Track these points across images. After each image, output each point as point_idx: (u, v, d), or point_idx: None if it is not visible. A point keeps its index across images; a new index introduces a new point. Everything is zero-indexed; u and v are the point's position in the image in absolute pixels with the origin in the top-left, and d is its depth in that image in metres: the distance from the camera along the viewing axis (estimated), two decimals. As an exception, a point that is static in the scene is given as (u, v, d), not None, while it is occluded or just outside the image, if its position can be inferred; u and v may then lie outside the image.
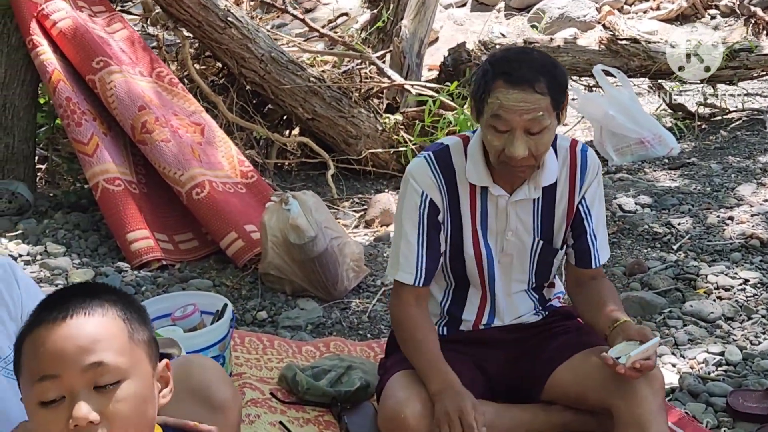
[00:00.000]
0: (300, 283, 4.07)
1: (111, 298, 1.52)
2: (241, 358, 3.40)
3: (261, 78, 5.74)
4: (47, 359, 1.43)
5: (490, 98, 2.47)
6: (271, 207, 4.11)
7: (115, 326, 1.49)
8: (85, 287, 1.56)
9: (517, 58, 2.54)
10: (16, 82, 4.93)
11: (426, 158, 2.71)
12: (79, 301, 1.48)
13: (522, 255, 2.76)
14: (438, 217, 2.69)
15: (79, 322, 1.46)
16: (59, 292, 1.56)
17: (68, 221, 4.74)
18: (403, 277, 2.70)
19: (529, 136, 2.47)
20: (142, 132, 4.58)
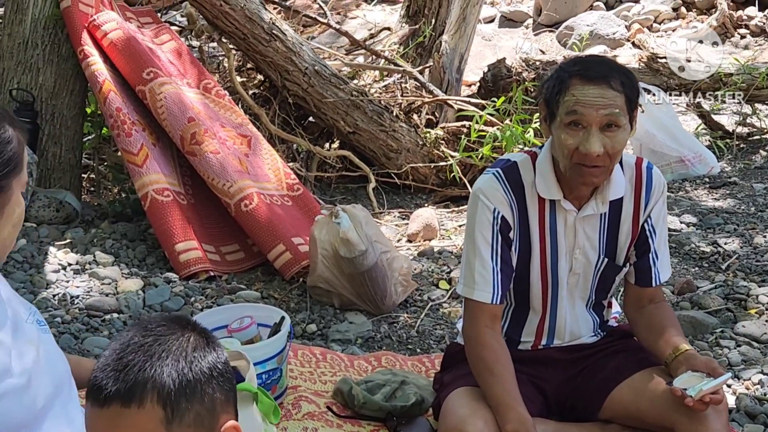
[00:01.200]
0: (348, 296, 4.08)
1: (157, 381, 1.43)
2: (296, 371, 3.41)
3: (304, 91, 5.76)
4: None
5: (566, 96, 2.48)
6: (322, 220, 4.13)
7: (151, 421, 1.42)
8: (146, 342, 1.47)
9: (592, 59, 2.57)
10: (65, 91, 4.97)
11: (495, 174, 2.70)
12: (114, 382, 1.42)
13: (587, 273, 2.76)
14: (509, 234, 2.68)
15: (113, 418, 1.41)
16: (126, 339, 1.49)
17: (115, 231, 4.76)
18: (481, 296, 2.66)
19: (605, 134, 2.47)
20: (192, 143, 4.61)
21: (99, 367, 1.43)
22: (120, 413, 1.39)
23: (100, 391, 1.40)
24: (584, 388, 2.77)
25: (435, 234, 5.10)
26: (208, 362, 1.49)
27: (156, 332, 1.48)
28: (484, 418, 2.55)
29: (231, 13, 5.52)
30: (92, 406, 1.41)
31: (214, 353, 1.50)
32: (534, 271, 2.72)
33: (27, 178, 1.94)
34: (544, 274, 2.73)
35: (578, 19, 10.85)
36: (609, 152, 2.48)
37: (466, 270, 2.70)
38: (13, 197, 1.87)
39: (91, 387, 1.42)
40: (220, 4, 5.49)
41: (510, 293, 2.78)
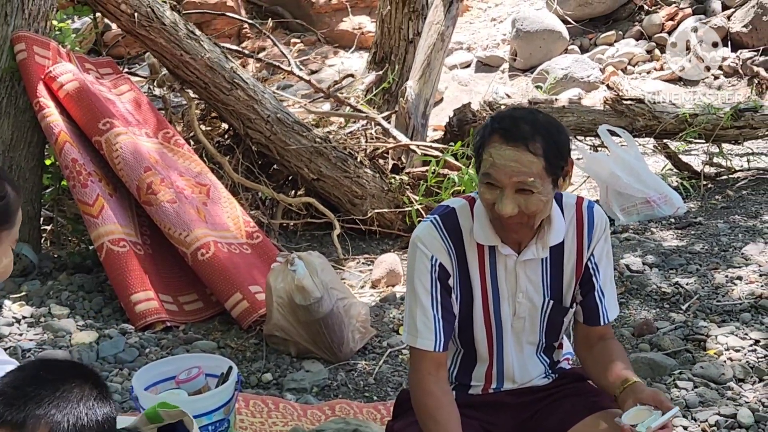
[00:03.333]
0: (305, 344, 4.03)
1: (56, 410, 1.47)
2: (246, 421, 3.36)
3: (267, 139, 5.75)
4: None
5: (485, 154, 2.46)
6: (277, 268, 4.09)
7: None
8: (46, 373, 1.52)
9: (520, 116, 2.52)
10: (22, 143, 4.94)
11: (432, 222, 2.67)
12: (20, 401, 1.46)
13: (533, 317, 2.72)
14: (449, 282, 2.65)
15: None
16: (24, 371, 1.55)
17: (72, 282, 4.72)
18: (424, 344, 2.62)
19: (520, 195, 2.44)
20: (148, 193, 4.58)
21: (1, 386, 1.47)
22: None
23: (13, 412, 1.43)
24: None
25: (399, 279, 5.06)
26: (103, 414, 1.52)
27: (61, 374, 1.52)
28: (431, 464, 2.51)
29: (191, 62, 5.52)
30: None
31: (108, 407, 1.54)
32: (477, 317, 2.69)
33: (17, 236, 2.08)
34: (487, 319, 2.69)
35: (553, 63, 10.94)
36: (525, 212, 2.45)
37: (409, 318, 2.67)
38: (1, 248, 2.01)
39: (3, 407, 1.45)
40: (180, 54, 5.49)
41: (455, 339, 2.75)
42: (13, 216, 2.04)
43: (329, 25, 12.40)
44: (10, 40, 4.88)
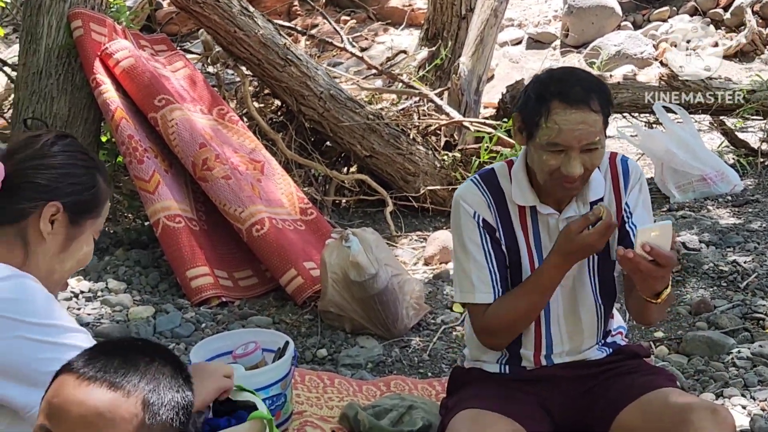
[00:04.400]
0: (360, 320, 4.04)
1: (150, 384, 1.47)
2: (302, 396, 3.37)
3: (320, 115, 5.76)
4: (51, 412, 1.44)
5: (548, 122, 2.45)
6: (332, 244, 4.10)
7: (130, 412, 1.44)
8: (137, 349, 1.53)
9: (567, 78, 2.51)
10: (79, 120, 4.99)
11: (473, 180, 2.71)
12: (116, 368, 1.46)
13: (581, 273, 2.70)
14: (495, 235, 2.65)
15: (97, 394, 1.43)
16: (116, 343, 1.57)
17: (129, 258, 4.77)
18: (483, 298, 2.63)
19: (585, 154, 2.44)
20: (203, 169, 4.61)
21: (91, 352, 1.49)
22: (103, 392, 1.43)
23: (93, 370, 1.44)
24: (592, 409, 2.71)
25: (451, 256, 5.05)
26: (187, 399, 1.54)
27: (151, 352, 1.53)
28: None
29: (245, 39, 5.54)
30: (78, 378, 1.44)
31: (190, 392, 1.55)
32: (525, 276, 2.68)
33: (102, 227, 2.11)
34: None
35: (605, 39, 10.79)
36: (588, 169, 2.47)
37: (462, 277, 2.67)
38: (83, 236, 2.04)
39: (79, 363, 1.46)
40: (234, 31, 5.50)
41: None
42: (101, 207, 2.07)
43: (379, 2, 12.35)
44: (67, 17, 4.92)
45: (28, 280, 1.87)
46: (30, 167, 1.98)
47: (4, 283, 1.82)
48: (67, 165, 2.01)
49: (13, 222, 1.96)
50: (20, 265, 1.94)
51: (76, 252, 2.05)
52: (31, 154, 2.00)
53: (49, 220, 1.97)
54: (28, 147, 2.02)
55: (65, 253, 2.02)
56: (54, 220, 1.98)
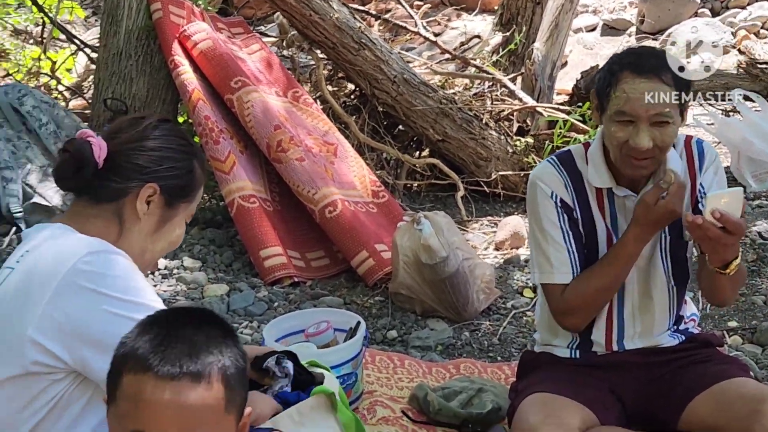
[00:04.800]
0: (430, 303, 4.06)
1: (221, 359, 1.50)
2: (372, 376, 3.41)
3: (393, 99, 5.78)
4: (148, 419, 1.44)
5: (617, 91, 2.44)
6: (403, 227, 4.13)
7: (216, 400, 1.48)
8: (184, 322, 1.54)
9: (645, 51, 2.53)
10: (157, 101, 5.08)
11: (550, 161, 2.70)
12: (189, 358, 1.47)
13: (654, 256, 2.68)
14: (573, 215, 2.65)
15: (187, 391, 1.45)
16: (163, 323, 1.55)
17: (204, 237, 4.85)
18: (562, 278, 2.62)
19: (654, 128, 2.42)
20: (278, 150, 4.66)
21: (156, 344, 1.48)
22: (190, 388, 1.45)
23: (169, 365, 1.45)
24: (663, 397, 2.70)
25: (523, 242, 5.04)
26: (244, 356, 1.58)
27: (203, 319, 1.56)
28: (556, 424, 2.50)
29: (320, 22, 5.57)
30: (158, 378, 1.44)
31: (238, 342, 1.58)
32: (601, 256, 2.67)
33: (194, 212, 2.18)
34: None
35: (682, 26, 10.62)
36: (658, 145, 2.45)
37: (540, 257, 2.67)
38: (176, 219, 2.11)
39: (153, 360, 1.46)
40: (309, 14, 5.54)
41: None
42: (195, 192, 2.14)
43: (453, -13, 12.33)
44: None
45: (119, 257, 1.92)
46: (131, 148, 2.05)
47: (94, 257, 1.88)
48: (166, 149, 2.07)
49: (112, 200, 2.03)
50: (114, 242, 2.00)
51: (169, 234, 2.11)
52: (134, 136, 2.06)
53: (145, 201, 2.03)
54: (131, 128, 2.08)
55: (158, 234, 2.08)
56: (150, 201, 2.04)
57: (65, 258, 1.87)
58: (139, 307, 1.87)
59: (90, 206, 2.05)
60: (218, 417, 1.48)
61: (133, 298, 1.88)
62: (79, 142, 2.03)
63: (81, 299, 1.84)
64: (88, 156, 2.00)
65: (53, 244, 1.93)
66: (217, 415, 1.48)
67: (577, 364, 2.78)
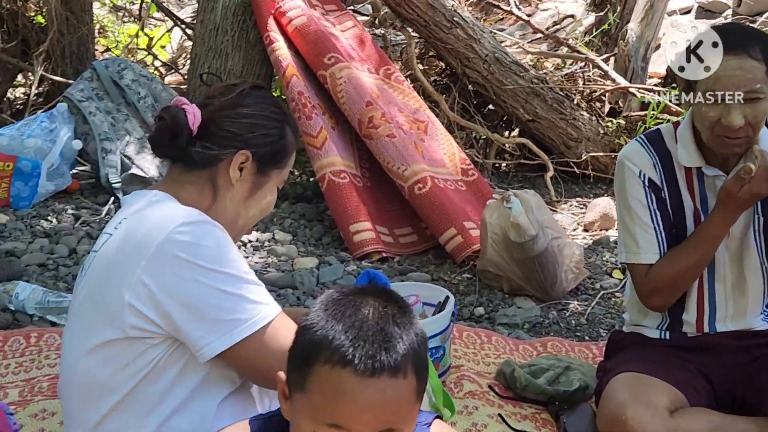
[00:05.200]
0: (518, 281, 4.07)
1: (411, 346, 1.47)
2: (460, 351, 3.43)
3: (484, 78, 5.77)
4: (347, 414, 1.43)
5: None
6: (493, 204, 4.13)
7: (410, 392, 1.47)
8: (365, 302, 1.50)
9: (730, 27, 2.50)
10: (251, 76, 5.16)
11: (638, 140, 2.70)
12: (386, 352, 1.44)
13: (747, 237, 2.65)
14: (661, 195, 2.63)
15: (387, 386, 1.43)
16: (356, 307, 1.50)
17: (294, 211, 4.92)
18: (648, 258, 2.61)
19: (745, 105, 2.38)
20: (369, 127, 4.71)
21: (352, 336, 1.44)
22: (389, 384, 1.43)
23: (370, 361, 1.42)
24: (756, 381, 2.67)
25: (612, 224, 5.00)
26: (418, 322, 1.55)
27: (392, 302, 1.52)
28: (645, 404, 2.51)
29: (413, 0, 5.59)
30: (360, 375, 1.42)
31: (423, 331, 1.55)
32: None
33: (286, 178, 2.20)
34: None
35: (782, 8, 10.36)
36: (750, 122, 2.41)
37: (627, 237, 2.66)
38: (268, 185, 2.13)
39: (352, 355, 1.43)
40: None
41: None
42: (287, 158, 2.15)
43: (546, -33, 12.20)
44: (243, -24, 5.10)
45: (213, 228, 1.95)
46: (225, 115, 2.07)
47: (189, 228, 1.91)
48: (259, 115, 2.09)
49: (205, 167, 2.06)
50: (208, 208, 2.05)
51: (261, 200, 2.14)
52: (227, 103, 2.08)
53: (238, 168, 2.06)
54: (224, 95, 2.10)
55: (250, 200, 2.11)
56: (243, 168, 2.07)
57: (161, 227, 1.91)
58: (231, 278, 1.90)
59: (185, 173, 2.08)
60: (411, 407, 1.48)
61: (224, 269, 1.90)
62: (174, 109, 2.06)
63: (174, 268, 1.88)
64: (183, 123, 2.03)
65: (150, 211, 1.97)
66: (410, 405, 1.48)
67: (666, 345, 2.77)
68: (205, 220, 1.95)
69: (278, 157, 2.13)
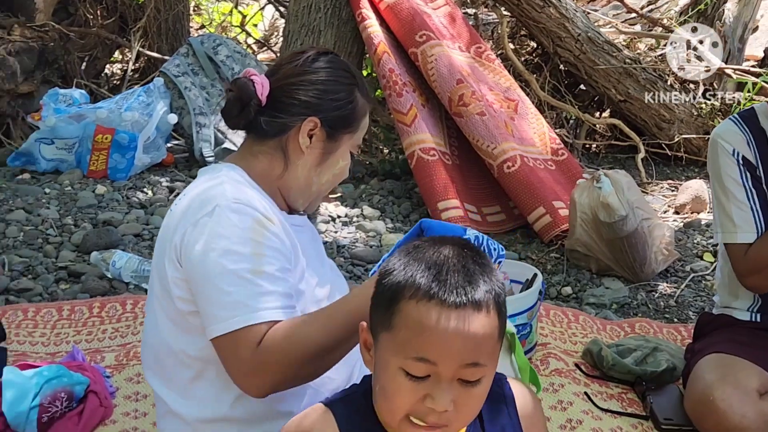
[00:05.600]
0: (606, 261, 4.05)
1: (492, 286, 1.51)
2: (546, 329, 3.44)
3: (576, 57, 5.72)
4: (433, 346, 1.46)
5: None
6: (583, 184, 4.11)
7: (493, 328, 1.50)
8: (461, 255, 1.54)
9: None
10: (343, 53, 5.18)
11: (732, 119, 2.67)
12: (470, 286, 1.48)
13: None
14: (756, 173, 2.59)
15: (471, 319, 1.46)
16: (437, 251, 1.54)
17: (383, 188, 4.96)
18: (746, 237, 2.59)
19: None
20: (459, 105, 4.71)
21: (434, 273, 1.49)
22: (473, 317, 1.46)
23: (454, 294, 1.46)
24: None
25: (704, 207, 4.93)
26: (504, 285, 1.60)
27: (471, 248, 1.57)
28: (734, 384, 2.49)
29: (506, -22, 5.57)
30: (445, 308, 1.45)
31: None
32: None
33: (360, 142, 2.18)
34: None
35: None
36: None
37: (723, 217, 2.64)
38: (339, 150, 2.10)
39: (437, 289, 1.47)
40: (495, -30, 5.55)
41: None
42: (358, 122, 2.13)
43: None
44: (337, -47, 5.12)
45: (255, 213, 1.91)
46: (292, 83, 2.07)
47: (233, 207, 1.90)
48: (327, 81, 2.07)
49: (276, 136, 2.07)
50: (280, 176, 2.07)
51: (333, 166, 2.12)
52: (293, 71, 2.08)
53: (307, 135, 2.06)
54: (291, 63, 2.10)
55: (322, 167, 2.10)
56: (312, 135, 2.06)
57: (208, 200, 1.93)
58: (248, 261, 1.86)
59: (257, 143, 2.09)
60: (493, 344, 1.51)
61: (248, 256, 1.87)
62: (242, 80, 2.07)
63: (201, 244, 1.88)
64: (251, 94, 2.04)
65: (208, 185, 1.99)
66: (493, 342, 1.50)
67: (757, 327, 2.74)
68: (253, 206, 1.93)
69: (348, 122, 2.10)
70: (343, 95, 2.08)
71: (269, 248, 1.89)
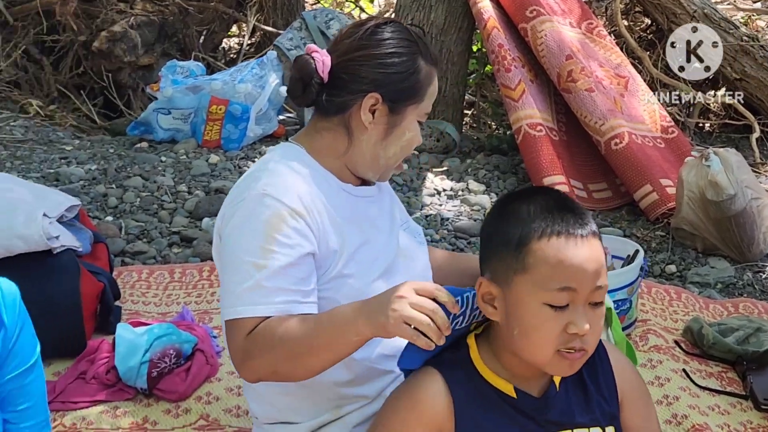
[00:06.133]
0: (713, 240, 4.00)
1: (589, 217, 1.76)
2: (647, 306, 3.43)
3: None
4: (573, 274, 1.67)
5: None
6: (691, 162, 4.06)
7: (603, 253, 1.74)
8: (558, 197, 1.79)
9: None
10: (453, 29, 5.21)
11: None
12: (586, 221, 1.73)
13: None
14: None
15: (594, 246, 1.71)
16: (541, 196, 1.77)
17: (489, 162, 4.98)
18: None
19: None
20: (567, 80, 4.69)
21: (552, 215, 1.71)
22: (595, 244, 1.72)
23: (579, 227, 1.70)
24: None
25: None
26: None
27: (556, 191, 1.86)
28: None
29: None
30: (576, 238, 1.69)
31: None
32: None
33: (428, 110, 2.12)
34: None
35: None
36: None
37: None
38: (404, 122, 2.05)
39: (563, 226, 1.69)
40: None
41: None
42: (423, 91, 2.06)
43: None
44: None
45: (282, 204, 1.91)
46: (351, 59, 2.02)
47: (265, 191, 1.92)
48: (386, 54, 2.01)
49: (338, 113, 2.04)
50: (344, 153, 2.05)
51: (399, 138, 2.07)
52: (353, 45, 2.03)
53: (369, 110, 2.02)
54: (350, 37, 2.05)
55: (388, 140, 2.06)
56: (374, 110, 2.02)
57: (245, 187, 1.97)
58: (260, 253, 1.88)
59: (321, 120, 2.07)
60: (604, 265, 1.73)
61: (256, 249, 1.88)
62: (303, 58, 2.03)
63: (226, 229, 1.95)
64: (312, 71, 2.00)
65: (254, 168, 2.04)
66: (604, 263, 1.73)
67: None
68: (288, 197, 1.92)
69: (412, 93, 2.04)
70: (404, 66, 2.01)
71: (281, 244, 1.88)
